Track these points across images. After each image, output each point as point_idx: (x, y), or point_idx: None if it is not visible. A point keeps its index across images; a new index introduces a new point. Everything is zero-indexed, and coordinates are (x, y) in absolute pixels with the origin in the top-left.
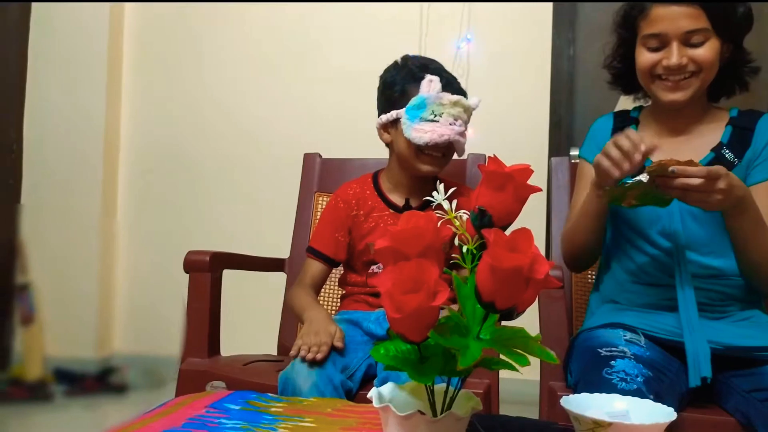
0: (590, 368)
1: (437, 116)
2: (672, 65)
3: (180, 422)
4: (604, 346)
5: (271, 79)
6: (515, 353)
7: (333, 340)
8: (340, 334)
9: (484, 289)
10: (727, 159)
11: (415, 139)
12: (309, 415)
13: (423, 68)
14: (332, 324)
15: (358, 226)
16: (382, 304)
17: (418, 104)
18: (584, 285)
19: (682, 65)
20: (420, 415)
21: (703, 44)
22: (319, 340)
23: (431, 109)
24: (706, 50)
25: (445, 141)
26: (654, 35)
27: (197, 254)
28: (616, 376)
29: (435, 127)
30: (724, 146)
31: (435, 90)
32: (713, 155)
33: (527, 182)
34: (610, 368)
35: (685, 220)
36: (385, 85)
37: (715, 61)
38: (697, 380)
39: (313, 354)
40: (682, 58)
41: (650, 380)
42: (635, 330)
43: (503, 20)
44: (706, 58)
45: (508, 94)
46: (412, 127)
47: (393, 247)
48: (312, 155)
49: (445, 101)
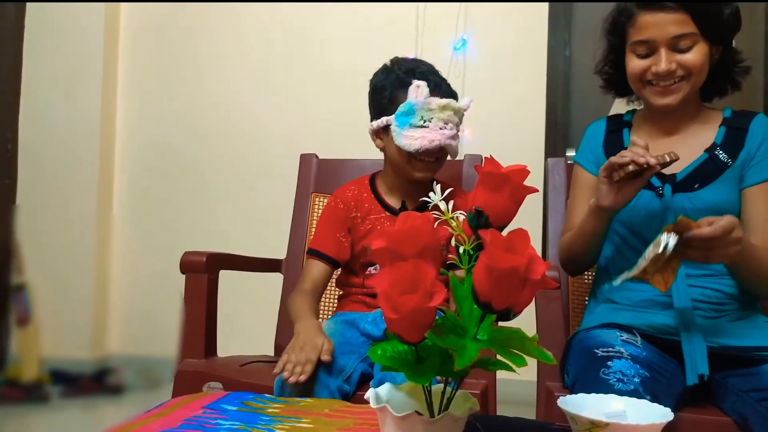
0: (587, 369)
1: (426, 122)
2: (661, 71)
3: (177, 423)
4: (601, 347)
5: (267, 79)
6: (512, 354)
7: (321, 354)
8: (327, 346)
9: (481, 289)
10: (720, 160)
11: (406, 147)
12: (306, 416)
13: (410, 73)
14: (320, 336)
15: (356, 228)
16: (379, 305)
17: (407, 110)
18: (581, 285)
19: (671, 71)
20: (417, 415)
21: (691, 49)
22: (303, 358)
23: (420, 115)
24: (694, 55)
25: (436, 147)
26: (642, 42)
27: (193, 255)
28: (613, 376)
29: (425, 133)
30: (717, 147)
31: (423, 95)
32: (707, 156)
33: (524, 183)
34: (607, 369)
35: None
36: (374, 90)
37: (704, 65)
38: (694, 378)
39: (295, 377)
40: (671, 63)
41: (647, 380)
42: (632, 330)
43: (499, 20)
44: (694, 62)
45: (504, 94)
46: (401, 134)
47: (390, 248)
48: (309, 156)
49: (434, 106)
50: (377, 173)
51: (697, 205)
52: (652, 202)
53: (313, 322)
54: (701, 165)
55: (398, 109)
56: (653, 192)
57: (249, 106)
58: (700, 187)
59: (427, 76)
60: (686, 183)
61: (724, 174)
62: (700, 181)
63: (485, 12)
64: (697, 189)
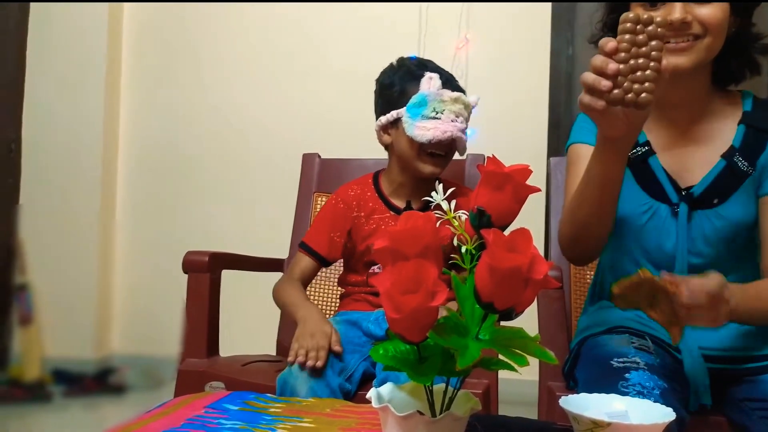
0: (602, 380)
1: (439, 113)
2: (675, 20)
3: (179, 423)
4: (615, 356)
5: (269, 80)
6: (514, 353)
7: (330, 343)
8: (336, 336)
9: (483, 289)
10: (739, 168)
11: (418, 137)
12: (308, 416)
13: (421, 66)
14: (327, 324)
15: (359, 227)
16: (381, 304)
17: (419, 102)
18: (583, 285)
19: (686, 22)
20: (419, 415)
21: (710, 1)
22: (316, 344)
23: (432, 106)
24: (714, 9)
25: (448, 137)
26: None
27: (196, 254)
28: (633, 389)
29: (437, 124)
30: (736, 152)
31: (435, 87)
32: (724, 163)
33: (526, 182)
34: (625, 381)
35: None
36: (382, 87)
37: (723, 26)
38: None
39: (312, 361)
40: (686, 14)
41: (666, 392)
42: (642, 335)
43: (502, 20)
44: (714, 17)
45: (506, 94)
46: (414, 125)
47: (392, 248)
48: (311, 155)
49: (446, 98)
50: (380, 172)
51: (717, 224)
52: (667, 221)
53: (316, 310)
54: (719, 175)
55: (410, 100)
56: (669, 208)
57: (251, 106)
58: (720, 202)
59: (438, 70)
60: (704, 198)
61: (744, 184)
62: (719, 194)
63: (488, 12)
64: (717, 205)
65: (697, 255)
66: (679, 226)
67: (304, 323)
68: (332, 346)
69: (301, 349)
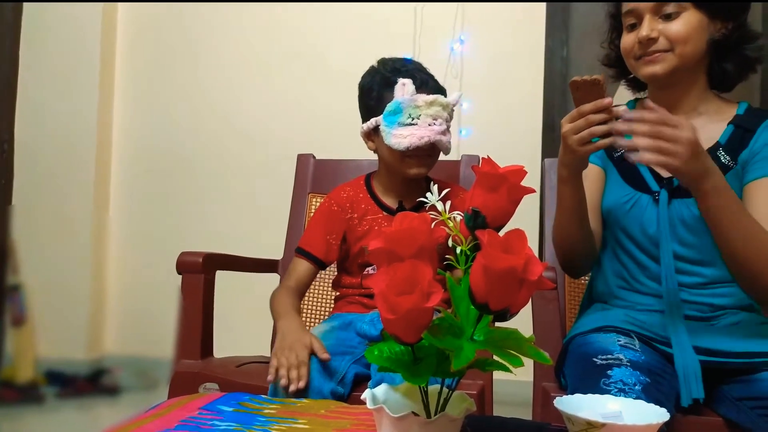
0: (586, 377)
1: (415, 119)
2: (641, 37)
3: (173, 424)
4: (600, 354)
5: (265, 80)
6: (509, 354)
7: (315, 352)
8: (317, 344)
9: (478, 290)
10: (721, 162)
11: (395, 145)
12: (302, 417)
13: (395, 72)
14: (306, 334)
15: (353, 229)
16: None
17: (394, 109)
18: (578, 286)
19: (651, 38)
20: (414, 416)
21: (677, 17)
22: (295, 359)
23: (407, 113)
24: (679, 24)
25: (425, 143)
26: (629, 12)
27: (190, 255)
28: (614, 386)
29: (413, 130)
30: (720, 147)
31: (409, 92)
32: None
33: (521, 183)
34: (607, 378)
35: (676, 227)
36: (362, 92)
37: (691, 36)
38: (688, 400)
39: (294, 385)
40: (652, 31)
41: (648, 387)
42: (629, 333)
43: (496, 21)
44: (678, 32)
45: (501, 95)
46: (391, 134)
47: (387, 248)
48: (306, 156)
49: (420, 102)
50: (372, 174)
51: (696, 212)
52: (649, 207)
53: (297, 320)
54: None
55: (386, 108)
56: (650, 197)
57: (246, 106)
58: None
59: (412, 74)
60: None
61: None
62: None
63: (483, 12)
64: None
65: (681, 243)
66: (660, 212)
67: (283, 336)
68: (319, 354)
69: (281, 367)
